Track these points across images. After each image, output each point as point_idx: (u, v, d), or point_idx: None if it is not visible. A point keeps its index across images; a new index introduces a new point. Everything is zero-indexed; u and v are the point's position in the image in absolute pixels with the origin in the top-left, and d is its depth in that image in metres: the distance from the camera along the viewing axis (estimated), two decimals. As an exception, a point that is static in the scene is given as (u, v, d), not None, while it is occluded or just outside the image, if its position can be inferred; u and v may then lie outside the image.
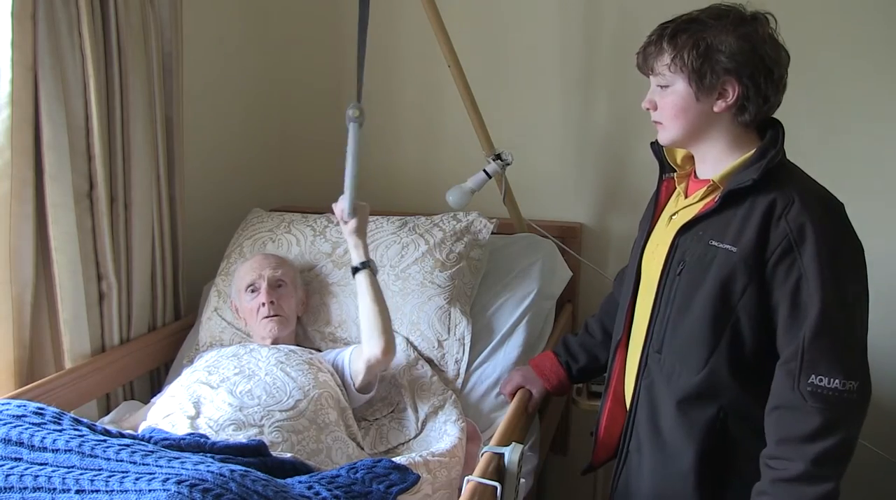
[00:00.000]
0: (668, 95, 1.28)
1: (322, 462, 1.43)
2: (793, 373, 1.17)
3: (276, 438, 1.41)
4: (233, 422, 1.42)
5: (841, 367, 1.15)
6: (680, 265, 1.29)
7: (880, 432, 2.02)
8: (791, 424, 1.17)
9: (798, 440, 1.16)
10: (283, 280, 1.81)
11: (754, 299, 1.22)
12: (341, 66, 2.45)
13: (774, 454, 1.19)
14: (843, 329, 1.18)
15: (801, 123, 2.02)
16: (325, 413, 1.53)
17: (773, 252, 1.19)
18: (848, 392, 1.15)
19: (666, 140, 1.33)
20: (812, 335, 1.16)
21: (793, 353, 1.18)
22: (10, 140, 1.51)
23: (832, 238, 1.18)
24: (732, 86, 1.23)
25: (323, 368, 1.66)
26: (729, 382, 1.25)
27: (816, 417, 1.15)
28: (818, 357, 1.16)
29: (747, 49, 1.21)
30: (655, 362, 1.33)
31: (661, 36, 1.27)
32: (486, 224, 1.99)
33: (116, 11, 1.67)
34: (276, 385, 1.53)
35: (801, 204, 1.19)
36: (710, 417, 1.26)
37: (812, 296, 1.16)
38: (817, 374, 1.16)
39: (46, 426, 1.23)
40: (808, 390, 1.16)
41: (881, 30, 1.99)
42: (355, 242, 1.70)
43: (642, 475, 1.35)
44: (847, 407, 1.16)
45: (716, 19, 1.23)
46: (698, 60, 1.22)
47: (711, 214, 1.26)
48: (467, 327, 1.82)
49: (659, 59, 1.27)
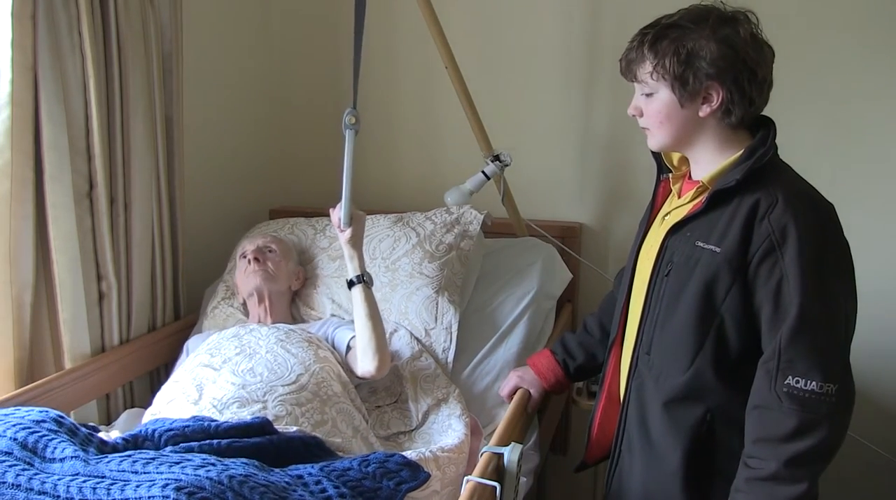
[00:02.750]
0: (652, 103, 1.28)
1: (328, 433, 1.45)
2: (771, 373, 1.18)
3: (280, 411, 1.44)
4: (237, 399, 1.45)
5: (819, 369, 1.15)
6: (668, 266, 1.30)
7: (880, 432, 2.02)
8: (767, 424, 1.18)
9: (773, 441, 1.16)
10: (272, 248, 1.90)
11: (738, 301, 1.21)
12: (342, 65, 2.45)
13: (751, 453, 1.20)
14: (823, 331, 1.17)
15: (804, 124, 2.04)
16: (328, 386, 1.56)
17: (756, 253, 1.19)
18: (826, 395, 1.14)
19: (654, 146, 1.33)
20: (789, 337, 1.16)
21: (771, 352, 1.18)
22: (10, 140, 1.51)
23: (815, 239, 1.17)
24: (716, 90, 1.22)
25: (322, 345, 1.70)
26: (714, 383, 1.25)
27: (792, 418, 1.15)
28: (795, 358, 1.16)
29: (729, 53, 1.20)
30: (645, 363, 1.34)
31: (641, 43, 1.26)
32: (477, 215, 1.99)
33: (116, 11, 1.67)
34: (278, 362, 1.56)
35: (785, 204, 1.18)
36: (697, 418, 1.27)
37: (792, 297, 1.16)
38: (794, 375, 1.15)
39: (60, 433, 1.26)
40: (784, 392, 1.16)
41: (885, 27, 1.99)
42: (350, 253, 1.70)
43: (633, 474, 1.36)
44: (825, 409, 1.15)
45: (696, 23, 1.22)
46: (680, 67, 1.21)
47: (699, 214, 1.26)
48: (454, 316, 1.83)
49: (641, 66, 1.26)
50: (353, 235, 1.69)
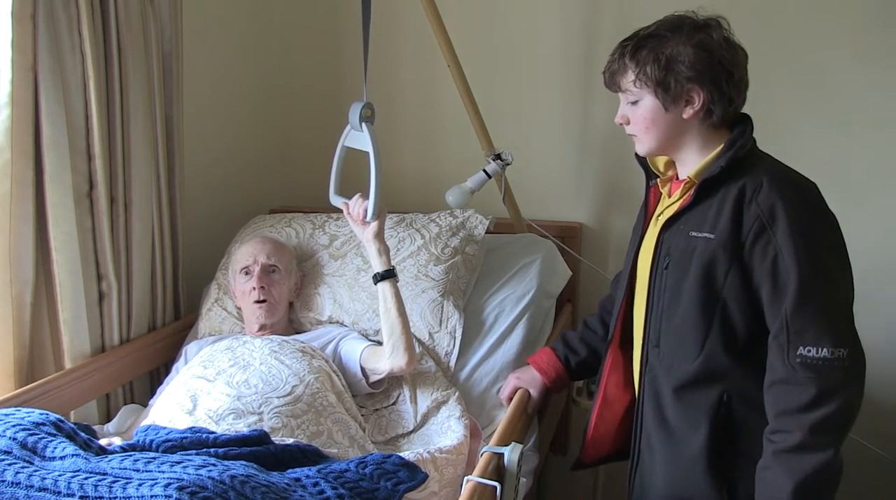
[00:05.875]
0: (638, 109, 1.34)
1: (324, 444, 1.45)
2: (783, 346, 1.21)
3: (276, 423, 1.44)
4: (232, 411, 1.44)
5: (828, 335, 1.19)
6: (666, 259, 1.34)
7: (880, 432, 2.02)
8: (787, 397, 1.21)
9: (795, 411, 1.19)
10: (276, 266, 1.84)
11: (737, 282, 1.26)
12: (342, 64, 2.45)
13: (774, 427, 1.23)
14: (824, 298, 1.21)
15: (798, 121, 2.04)
16: (323, 396, 1.55)
17: (748, 234, 1.24)
18: (838, 360, 1.18)
19: (643, 151, 1.39)
20: (794, 308, 1.20)
21: (779, 327, 1.22)
22: (10, 140, 1.51)
23: (803, 213, 1.23)
24: (697, 93, 1.28)
25: (316, 355, 1.69)
26: (728, 364, 1.28)
27: (811, 387, 1.18)
28: (803, 328, 1.20)
29: (705, 56, 1.26)
30: (655, 356, 1.37)
31: (622, 54, 1.32)
32: (482, 220, 2.00)
33: (116, 11, 1.67)
34: (272, 373, 1.56)
35: (770, 185, 1.24)
36: (713, 401, 1.30)
37: (789, 270, 1.20)
38: (805, 345, 1.19)
39: (59, 437, 1.25)
40: (797, 362, 1.19)
41: (881, 27, 1.99)
42: (379, 247, 1.68)
43: (655, 470, 1.38)
44: (840, 374, 1.18)
45: (672, 31, 1.28)
46: (661, 73, 1.28)
47: (690, 207, 1.32)
48: (459, 321, 1.83)
49: (624, 76, 1.33)
50: (379, 229, 1.68)
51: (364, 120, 1.63)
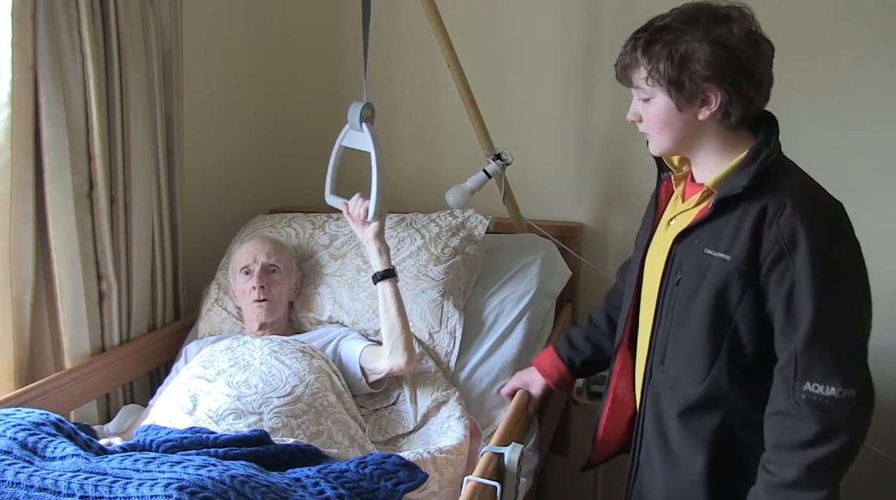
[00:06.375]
0: (650, 108, 1.25)
1: (324, 444, 1.45)
2: (788, 380, 1.16)
3: (276, 423, 1.44)
4: (232, 411, 1.45)
5: (837, 375, 1.13)
6: (678, 274, 1.28)
7: (881, 432, 2.00)
8: (788, 430, 1.16)
9: (793, 447, 1.15)
10: (276, 266, 1.84)
11: (751, 307, 1.20)
12: (342, 64, 2.45)
13: (770, 458, 1.18)
14: (839, 335, 1.15)
15: (806, 120, 2.04)
16: (323, 396, 1.55)
17: (766, 259, 1.17)
18: (846, 400, 1.13)
19: (656, 151, 1.32)
20: (805, 343, 1.14)
21: (787, 360, 1.16)
22: (10, 140, 1.51)
23: (825, 242, 1.15)
24: (714, 93, 1.20)
25: (316, 355, 1.69)
26: (731, 390, 1.24)
27: (813, 424, 1.13)
28: (812, 365, 1.14)
29: (723, 54, 1.17)
30: (660, 373, 1.33)
31: (634, 48, 1.23)
32: (482, 220, 2.00)
33: (116, 11, 1.67)
34: (272, 373, 1.56)
35: (793, 208, 1.16)
36: (716, 425, 1.26)
37: (805, 303, 1.14)
38: (812, 381, 1.14)
39: (59, 437, 1.25)
40: (803, 398, 1.14)
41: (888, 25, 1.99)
42: (379, 246, 1.69)
43: (654, 484, 1.35)
44: (846, 414, 1.13)
45: (688, 24, 1.19)
46: (674, 71, 1.19)
47: (706, 221, 1.24)
48: (459, 321, 1.83)
49: (636, 72, 1.24)
50: (380, 229, 1.68)
51: (364, 120, 1.63)
